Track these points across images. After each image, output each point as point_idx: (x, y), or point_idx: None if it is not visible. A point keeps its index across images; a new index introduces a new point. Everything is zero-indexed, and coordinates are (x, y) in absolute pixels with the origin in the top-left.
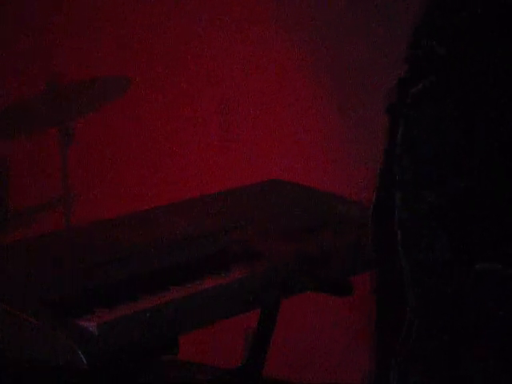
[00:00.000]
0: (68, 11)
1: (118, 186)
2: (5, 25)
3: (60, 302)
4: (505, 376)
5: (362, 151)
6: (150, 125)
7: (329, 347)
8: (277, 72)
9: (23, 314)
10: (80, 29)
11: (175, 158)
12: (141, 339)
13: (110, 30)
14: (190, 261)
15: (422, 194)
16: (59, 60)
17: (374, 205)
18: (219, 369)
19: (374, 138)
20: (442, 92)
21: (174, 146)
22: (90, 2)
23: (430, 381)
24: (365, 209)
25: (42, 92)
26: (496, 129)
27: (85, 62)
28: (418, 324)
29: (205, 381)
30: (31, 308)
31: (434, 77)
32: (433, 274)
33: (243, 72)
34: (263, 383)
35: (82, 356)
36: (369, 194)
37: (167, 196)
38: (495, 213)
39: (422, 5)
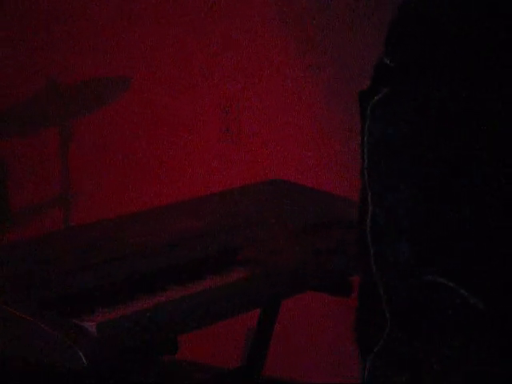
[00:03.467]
0: (68, 11)
1: (118, 185)
2: (5, 25)
3: (60, 302)
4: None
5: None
6: (151, 125)
7: (329, 347)
8: (278, 72)
9: (23, 314)
10: (80, 29)
11: (175, 158)
12: (141, 339)
13: (109, 30)
14: (190, 261)
15: (385, 196)
16: (59, 60)
17: (358, 208)
18: (219, 369)
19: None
20: (394, 103)
21: (174, 146)
22: (90, 2)
23: (391, 374)
24: None
25: (42, 92)
26: (446, 139)
27: (85, 62)
28: (389, 322)
29: (205, 381)
30: (31, 308)
31: (387, 90)
32: (395, 273)
33: (244, 72)
34: (263, 383)
35: (81, 356)
36: None
37: (167, 196)
38: (439, 224)
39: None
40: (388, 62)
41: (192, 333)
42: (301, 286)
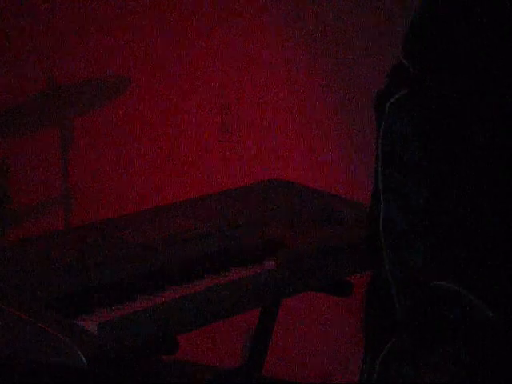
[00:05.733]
0: (68, 11)
1: (118, 185)
2: (5, 25)
3: (60, 301)
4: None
5: (362, 151)
6: (150, 125)
7: (328, 347)
8: (277, 72)
9: (23, 314)
10: (80, 29)
11: (175, 158)
12: (140, 339)
13: (109, 30)
14: (189, 261)
15: (402, 198)
16: (59, 60)
17: (369, 207)
18: (219, 369)
19: (375, 138)
20: (412, 104)
21: (173, 146)
22: (89, 2)
23: (406, 372)
24: (364, 209)
25: (42, 92)
26: (460, 143)
27: (85, 62)
28: (400, 322)
29: (205, 381)
30: (31, 308)
31: (405, 90)
32: (409, 275)
33: (244, 73)
34: (263, 383)
35: (82, 356)
36: (368, 195)
37: (167, 196)
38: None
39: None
40: (406, 63)
41: (192, 333)
42: (301, 286)
